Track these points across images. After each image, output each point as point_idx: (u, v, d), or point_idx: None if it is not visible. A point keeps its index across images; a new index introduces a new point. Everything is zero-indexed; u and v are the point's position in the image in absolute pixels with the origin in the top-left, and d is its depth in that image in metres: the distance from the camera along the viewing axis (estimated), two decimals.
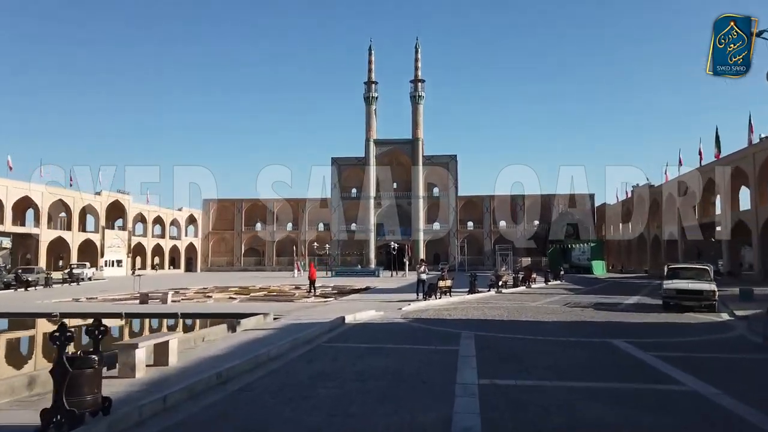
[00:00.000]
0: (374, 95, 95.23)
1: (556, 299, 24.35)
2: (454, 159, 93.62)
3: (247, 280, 49.16)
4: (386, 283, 41.31)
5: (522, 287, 33.67)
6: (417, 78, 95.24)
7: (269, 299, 24.57)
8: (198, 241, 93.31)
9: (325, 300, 24.38)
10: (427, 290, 22.71)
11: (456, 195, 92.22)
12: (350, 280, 45.80)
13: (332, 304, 21.91)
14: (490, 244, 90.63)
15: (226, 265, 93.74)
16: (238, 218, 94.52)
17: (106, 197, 68.40)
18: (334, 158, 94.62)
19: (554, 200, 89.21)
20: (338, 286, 36.58)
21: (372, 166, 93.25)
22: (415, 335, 12.88)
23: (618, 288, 34.82)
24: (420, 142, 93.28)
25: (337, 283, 41.36)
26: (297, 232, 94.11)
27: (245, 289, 31.95)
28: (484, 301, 23.12)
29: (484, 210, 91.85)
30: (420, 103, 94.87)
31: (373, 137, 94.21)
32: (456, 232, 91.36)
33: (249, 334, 12.78)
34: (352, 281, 43.80)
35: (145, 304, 21.96)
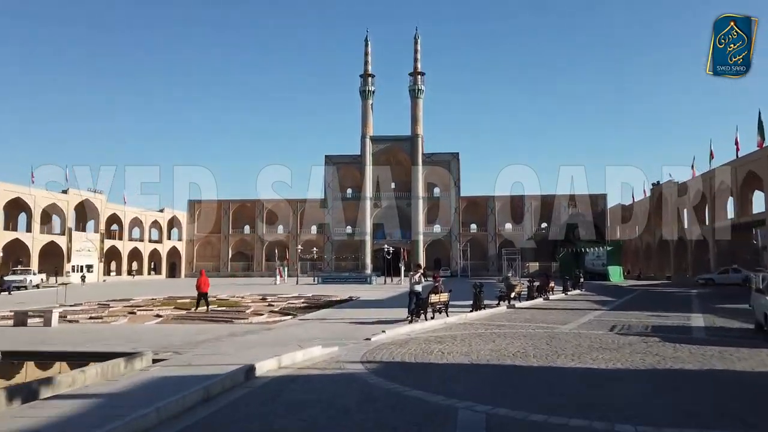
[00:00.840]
0: (371, 89, 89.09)
1: (592, 319, 17.99)
2: (455, 157, 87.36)
3: (220, 288, 42.98)
4: (376, 292, 35.07)
5: (538, 299, 27.35)
6: (416, 70, 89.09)
7: (207, 319, 18.30)
8: (182, 244, 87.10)
9: (281, 319, 18.14)
10: (413, 308, 16.43)
11: (458, 195, 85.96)
12: (335, 289, 39.55)
13: (279, 328, 15.65)
14: (494, 248, 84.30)
15: (212, 271, 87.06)
16: (225, 220, 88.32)
17: (73, 196, 62.29)
18: (328, 156, 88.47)
19: (562, 201, 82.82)
20: (315, 296, 30.32)
21: (368, 164, 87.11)
22: (364, 419, 6.47)
23: (656, 300, 28.46)
24: (419, 138, 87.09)
25: (318, 292, 35.11)
26: (288, 235, 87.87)
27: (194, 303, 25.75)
28: (493, 323, 16.74)
29: (488, 211, 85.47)
30: (419, 97, 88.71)
31: (369, 134, 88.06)
32: (458, 235, 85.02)
33: (44, 409, 6.53)
34: (336, 290, 37.55)
35: (22, 326, 15.75)
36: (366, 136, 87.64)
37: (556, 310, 21.54)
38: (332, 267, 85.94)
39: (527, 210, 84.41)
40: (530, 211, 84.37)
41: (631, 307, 22.96)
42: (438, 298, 17.62)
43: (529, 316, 18.70)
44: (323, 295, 31.16)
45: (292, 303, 25.11)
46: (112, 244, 70.80)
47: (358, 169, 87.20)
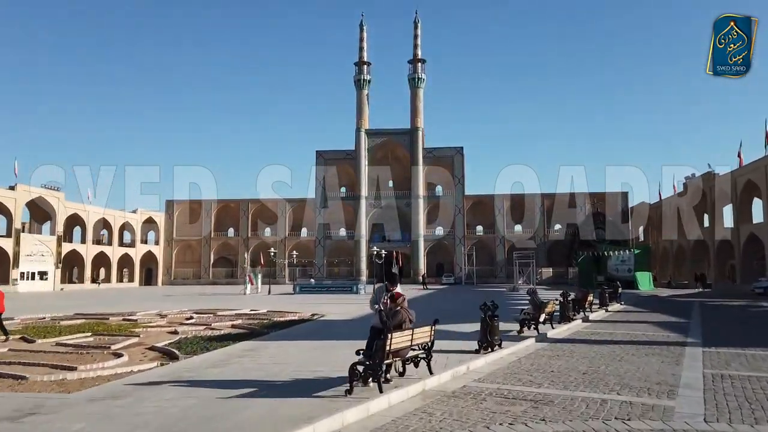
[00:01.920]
0: (366, 78, 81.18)
1: (711, 374, 9.70)
2: (459, 152, 79.24)
3: (180, 301, 35.39)
4: (353, 306, 27.01)
5: (575, 321, 19.15)
6: (416, 57, 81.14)
7: (48, 362, 10.26)
8: (159, 249, 79.15)
9: (123, 371, 10.01)
10: (368, 364, 7.99)
11: (462, 194, 77.77)
12: (308, 301, 31.60)
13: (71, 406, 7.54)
14: (503, 252, 76.01)
15: (192, 278, 79.63)
16: (207, 222, 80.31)
17: (22, 193, 54.50)
18: (319, 152, 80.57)
19: (578, 200, 74.55)
20: (262, 315, 22.28)
21: (364, 160, 79.11)
22: None
23: (741, 320, 20.25)
24: (420, 132, 79.06)
25: (283, 306, 27.26)
26: (275, 238, 79.80)
27: (89, 324, 17.83)
28: (523, 392, 8.33)
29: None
30: (420, 87, 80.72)
31: (364, 127, 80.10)
32: (463, 237, 76.75)
33: None
34: (307, 303, 29.60)
35: None
36: (361, 130, 79.70)
37: (618, 347, 13.28)
38: (324, 273, 77.88)
39: (538, 210, 76.06)
40: (542, 211, 76.01)
41: (734, 339, 14.70)
42: (404, 341, 8.90)
43: (583, 366, 10.47)
44: (278, 312, 23.21)
45: (217, 326, 16.98)
46: (73, 248, 62.90)
47: (353, 166, 79.24)
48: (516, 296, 38.64)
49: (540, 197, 75.74)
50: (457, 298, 37.78)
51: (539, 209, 75.91)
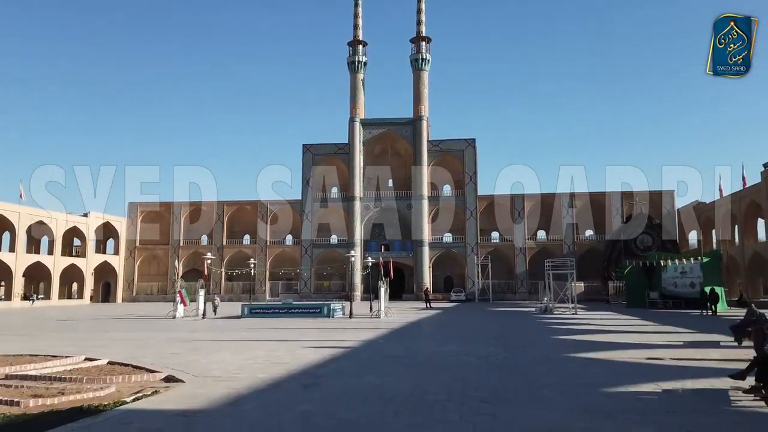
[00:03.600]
0: (361, 59, 69.66)
1: None
2: (471, 145, 67.21)
3: (57, 330, 23.77)
4: (297, 350, 14.99)
5: None
6: (420, 35, 69.55)
7: None
8: (118, 259, 67.44)
9: None
10: None
11: (475, 194, 65.56)
12: (238, 332, 19.78)
13: None
14: (523, 263, 63.60)
15: (157, 293, 67.83)
16: (176, 228, 68.66)
17: None
18: (306, 146, 68.86)
19: (614, 201, 62.27)
20: (93, 371, 10.17)
21: (358, 154, 67.35)
22: None
23: None
24: (424, 121, 67.20)
25: (165, 348, 15.36)
26: (254, 246, 67.95)
27: None
28: None
29: (515, 215, 64.73)
30: (424, 69, 69.02)
31: (359, 116, 68.36)
32: (476, 245, 64.42)
33: None
34: (227, 338, 17.82)
35: None
36: (355, 120, 67.98)
37: None
38: (311, 287, 65.87)
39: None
40: (570, 214, 63.62)
41: None
42: None
43: None
44: (116, 366, 11.19)
45: None
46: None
47: (346, 163, 67.46)
48: (554, 321, 26.57)
49: (569, 197, 63.48)
50: (469, 322, 25.70)
51: (567, 211, 63.56)
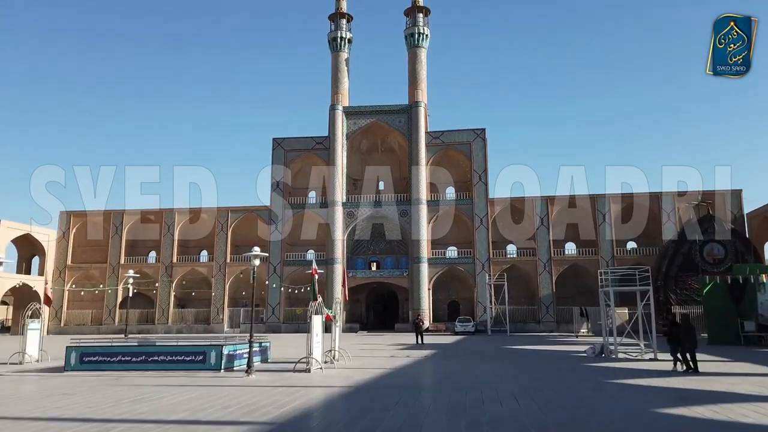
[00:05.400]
0: (345, 36, 57.20)
1: None
2: (480, 136, 53.96)
3: None
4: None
5: None
6: (416, 4, 56.99)
7: None
8: (41, 282, 54.20)
9: None
10: None
11: (486, 197, 52.00)
12: None
13: None
14: (549, 283, 49.69)
15: (91, 323, 54.54)
16: (116, 242, 55.61)
17: None
18: (277, 139, 56.03)
19: (665, 205, 48.77)
20: None
21: (341, 150, 54.41)
22: None
23: None
24: (421, 109, 54.23)
25: None
26: (210, 265, 54.65)
27: None
28: None
29: (538, 222, 50.98)
30: (422, 46, 56.37)
31: (342, 103, 55.53)
32: (488, 261, 50.66)
33: None
34: None
35: None
36: (337, 107, 55.15)
37: None
38: (280, 315, 52.29)
39: (601, 219, 49.97)
40: (608, 220, 49.87)
41: None
42: None
43: None
44: None
45: None
46: None
47: (325, 159, 54.41)
48: (642, 382, 12.71)
49: (607, 200, 49.83)
50: (477, 383, 11.58)
51: (604, 217, 49.81)
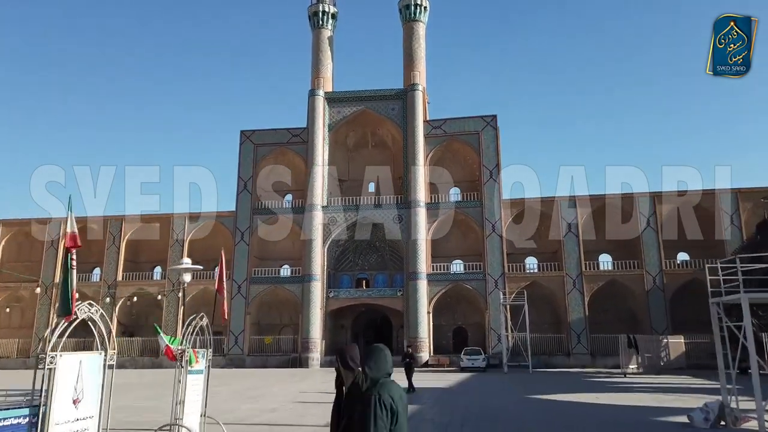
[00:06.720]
0: (327, 10, 48.09)
1: None
2: (491, 125, 44.35)
3: None
4: None
5: None
6: None
7: None
8: None
9: None
10: None
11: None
12: None
13: None
14: (580, 306, 39.60)
15: (18, 355, 44.63)
16: (51, 256, 45.98)
17: None
18: (245, 132, 46.66)
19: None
20: None
21: (322, 143, 44.87)
22: None
23: None
24: (419, 93, 44.76)
25: None
26: (163, 282, 44.83)
27: None
28: None
29: (565, 228, 40.96)
30: (419, 20, 47.19)
31: (324, 87, 46.15)
32: (502, 277, 40.58)
33: None
34: None
35: None
36: (317, 92, 45.72)
37: None
38: (245, 347, 42.21)
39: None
40: (652, 224, 39.87)
41: None
42: None
43: None
44: None
45: None
46: None
47: (303, 156, 44.83)
48: None
49: (650, 199, 39.95)
50: None
51: (648, 221, 39.86)
